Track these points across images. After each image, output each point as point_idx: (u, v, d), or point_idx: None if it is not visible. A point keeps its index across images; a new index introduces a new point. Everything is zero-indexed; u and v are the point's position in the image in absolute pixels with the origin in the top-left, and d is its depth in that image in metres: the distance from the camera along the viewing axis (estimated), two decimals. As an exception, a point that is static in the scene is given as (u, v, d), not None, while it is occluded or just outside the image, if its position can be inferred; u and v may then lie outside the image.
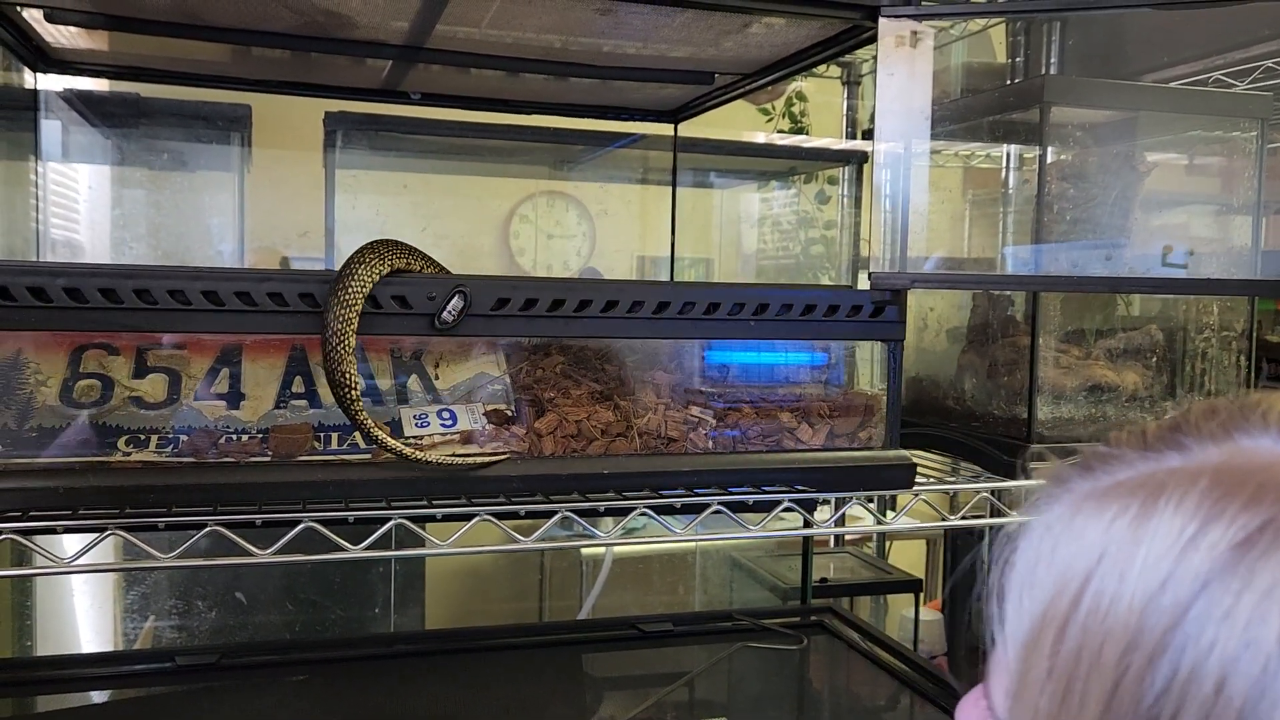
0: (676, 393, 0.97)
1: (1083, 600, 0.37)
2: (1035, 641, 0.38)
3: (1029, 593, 0.40)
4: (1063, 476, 0.42)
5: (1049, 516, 0.41)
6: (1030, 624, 0.39)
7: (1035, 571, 0.40)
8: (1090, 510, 0.39)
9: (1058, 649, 0.37)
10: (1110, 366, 1.16)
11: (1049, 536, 0.40)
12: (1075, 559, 0.38)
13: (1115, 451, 0.41)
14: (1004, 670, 0.41)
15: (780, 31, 1.06)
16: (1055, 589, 0.38)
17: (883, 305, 0.96)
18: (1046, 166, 1.07)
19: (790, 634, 1.50)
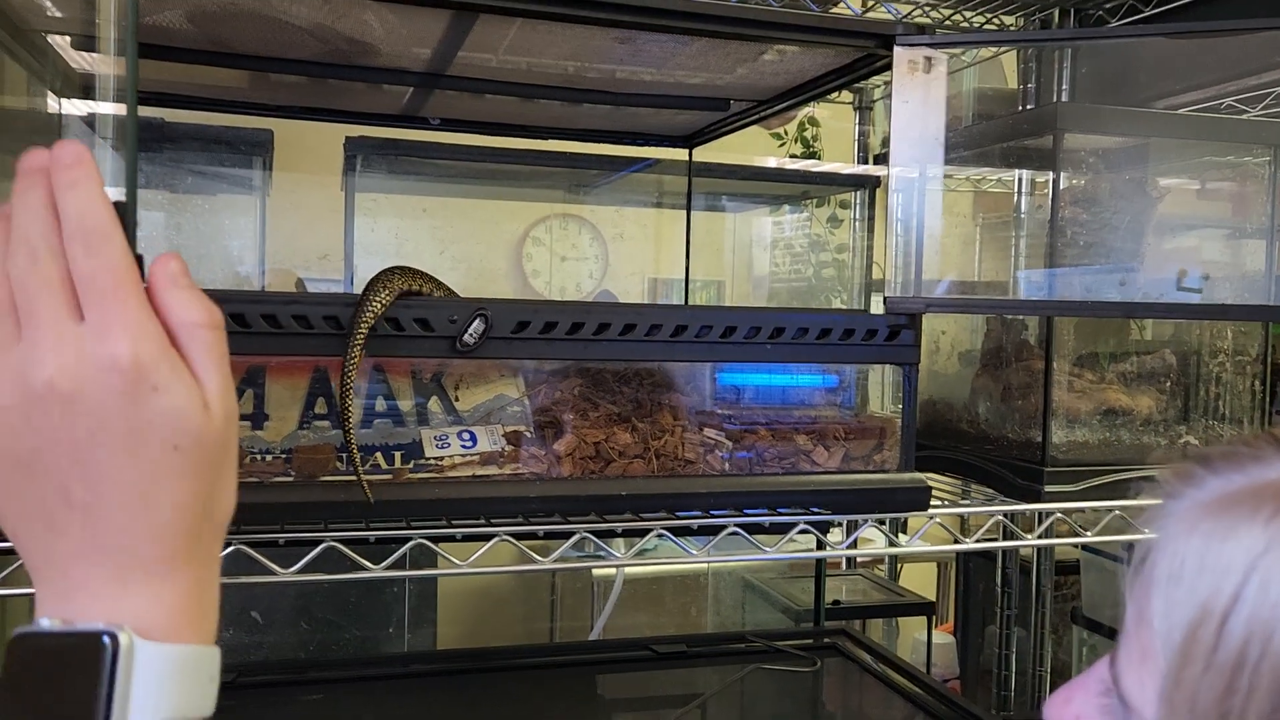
0: (693, 415, 0.98)
1: (1244, 595, 0.37)
2: (1192, 638, 0.38)
3: (1180, 590, 0.40)
4: (1195, 476, 0.42)
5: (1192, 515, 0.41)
6: (1186, 621, 0.39)
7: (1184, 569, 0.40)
8: (1245, 509, 0.39)
9: (1218, 645, 0.37)
10: (1124, 391, 1.16)
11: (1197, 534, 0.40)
12: (1234, 556, 0.38)
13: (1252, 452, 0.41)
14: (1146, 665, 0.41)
15: (795, 59, 1.08)
16: (1212, 586, 0.38)
17: (898, 329, 0.97)
18: (1059, 192, 1.08)
19: (804, 656, 1.50)
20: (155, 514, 0.42)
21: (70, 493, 0.41)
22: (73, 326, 0.41)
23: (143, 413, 0.42)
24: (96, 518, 0.42)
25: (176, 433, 0.42)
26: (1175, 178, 1.27)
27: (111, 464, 0.41)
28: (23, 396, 0.41)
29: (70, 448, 0.41)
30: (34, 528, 0.42)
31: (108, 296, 0.42)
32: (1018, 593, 1.71)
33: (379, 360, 0.91)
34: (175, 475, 0.43)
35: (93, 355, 0.41)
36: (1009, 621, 1.73)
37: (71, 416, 0.41)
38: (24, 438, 0.41)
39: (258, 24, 0.99)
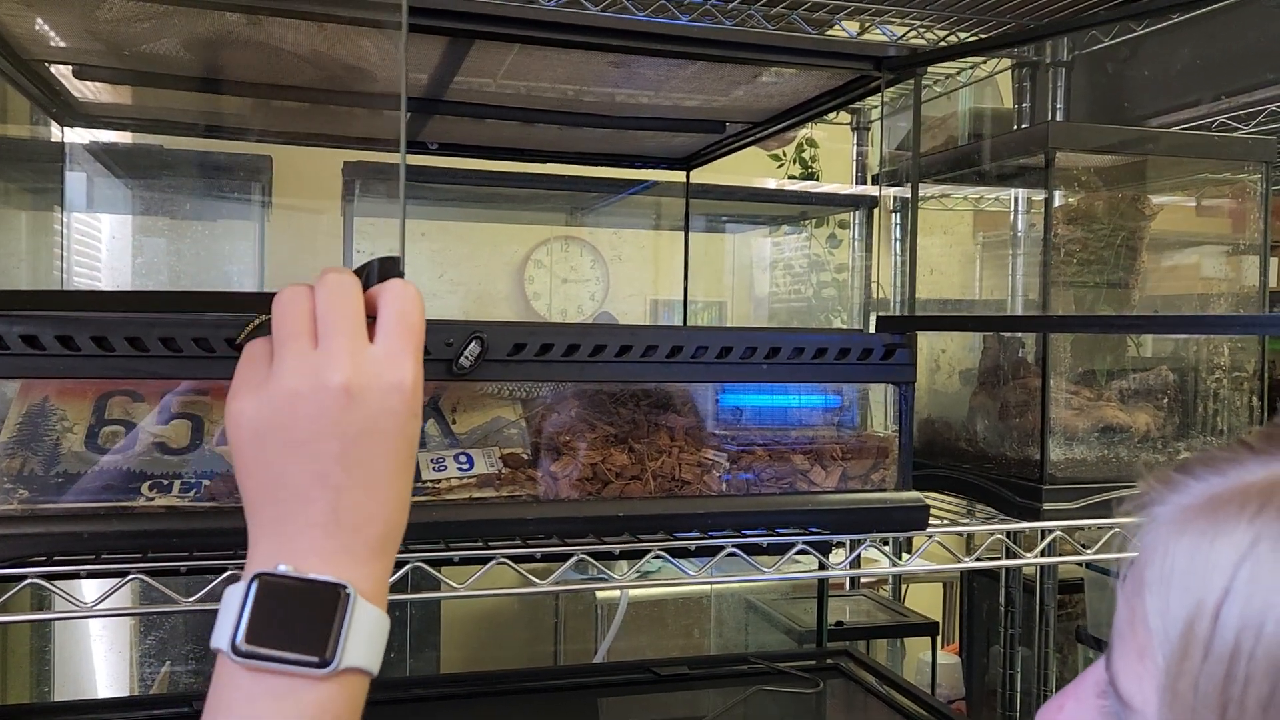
0: (690, 436, 0.98)
1: (1235, 587, 0.39)
2: (1189, 632, 0.40)
3: (1174, 589, 0.42)
4: (1178, 483, 0.45)
5: (1180, 518, 0.43)
6: (1182, 617, 0.41)
7: (1176, 568, 0.42)
8: (1231, 509, 0.41)
9: (1213, 636, 0.40)
10: (1122, 408, 1.16)
11: (1187, 535, 0.42)
12: (1223, 552, 0.40)
13: (1230, 457, 0.44)
14: (1144, 664, 0.43)
15: (790, 81, 1.09)
16: (1205, 582, 0.40)
17: (893, 348, 0.97)
18: (1053, 210, 1.08)
19: (807, 678, 1.49)
20: (385, 504, 0.53)
21: (328, 475, 0.52)
22: (366, 347, 0.54)
23: (404, 428, 0.54)
24: (344, 498, 0.52)
25: (413, 451, 0.55)
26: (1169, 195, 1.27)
27: (370, 459, 0.52)
28: (315, 389, 0.52)
29: (340, 440, 0.52)
30: (281, 496, 0.52)
31: (399, 338, 0.55)
32: (1021, 612, 1.71)
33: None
34: (402, 478, 0.55)
35: (382, 374, 0.53)
36: (1013, 641, 1.72)
37: (352, 415, 0.52)
38: (304, 423, 0.52)
39: (255, 51, 1.01)
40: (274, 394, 0.53)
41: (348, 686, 0.51)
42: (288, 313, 0.55)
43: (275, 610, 0.50)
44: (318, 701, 0.50)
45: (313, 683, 0.50)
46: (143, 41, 0.98)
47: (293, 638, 0.49)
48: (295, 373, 0.53)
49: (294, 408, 0.52)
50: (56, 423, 0.85)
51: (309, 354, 0.53)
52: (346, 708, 0.51)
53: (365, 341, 0.54)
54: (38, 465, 0.82)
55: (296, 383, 0.52)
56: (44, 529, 0.78)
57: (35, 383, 0.84)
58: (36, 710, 1.35)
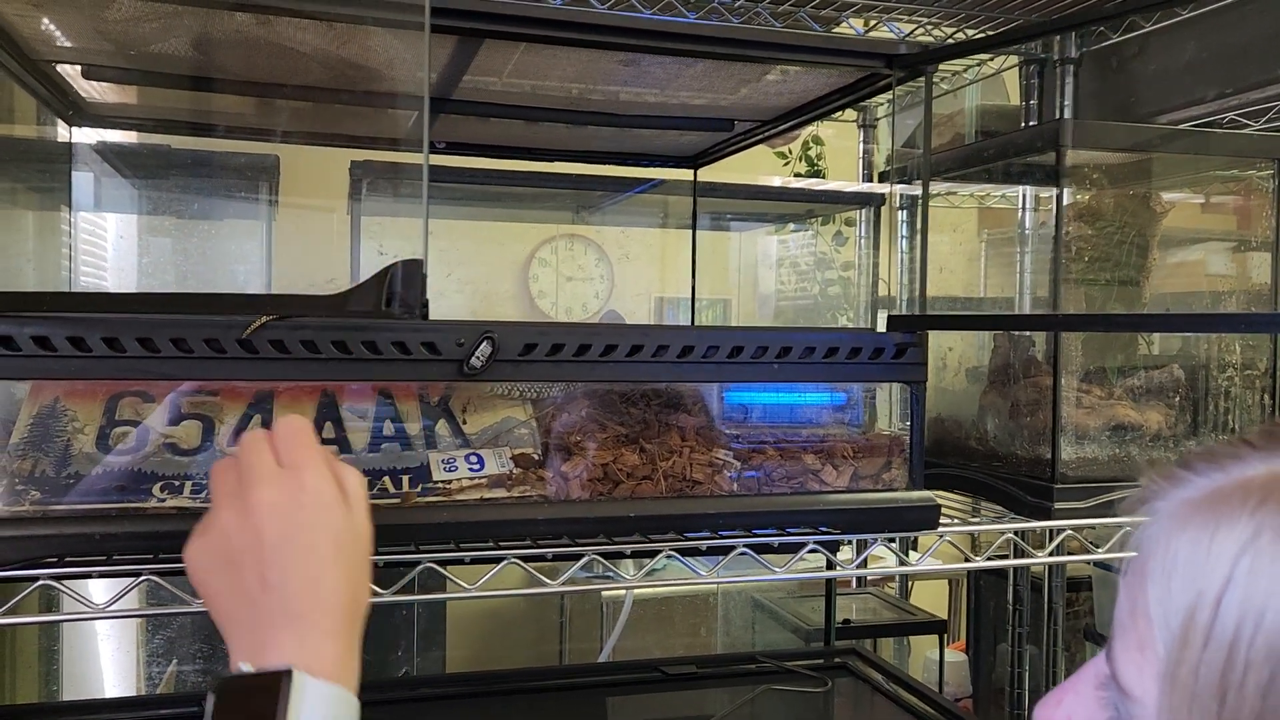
0: (701, 435, 0.98)
1: (1236, 578, 0.41)
2: (1189, 622, 0.42)
3: (1176, 580, 0.43)
4: (1180, 478, 0.46)
5: (1182, 512, 0.44)
6: (1183, 607, 0.42)
7: (1178, 560, 0.43)
8: (1232, 503, 0.42)
9: (1213, 625, 0.41)
10: (1133, 406, 1.16)
11: (1189, 528, 0.43)
12: (1224, 544, 0.41)
13: (1231, 452, 0.45)
14: (1144, 654, 0.44)
15: (798, 80, 1.09)
16: (1206, 573, 0.42)
17: (904, 347, 0.97)
18: (1063, 207, 1.08)
19: (815, 676, 1.49)
20: (324, 593, 0.59)
21: (267, 577, 0.58)
22: (276, 468, 0.61)
23: (319, 521, 0.60)
24: (284, 596, 0.58)
25: (339, 536, 0.61)
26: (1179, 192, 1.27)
27: (298, 555, 0.59)
28: (240, 513, 0.60)
29: (270, 545, 0.59)
30: (236, 603, 0.59)
31: (299, 451, 0.62)
32: (1029, 610, 1.70)
33: (386, 384, 0.91)
34: (338, 564, 0.60)
35: (289, 483, 0.60)
36: (1021, 639, 1.72)
37: (272, 522, 0.59)
38: (238, 539, 0.59)
39: (264, 51, 1.00)
40: (212, 529, 0.61)
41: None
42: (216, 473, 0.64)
43: (235, 709, 0.55)
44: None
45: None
46: (151, 41, 0.98)
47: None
48: (217, 510, 0.61)
49: (221, 535, 0.60)
50: (67, 424, 0.85)
51: (234, 491, 0.61)
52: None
53: (272, 464, 0.62)
54: (49, 466, 0.82)
55: (220, 516, 0.61)
56: (55, 530, 0.78)
57: (46, 384, 0.84)
58: (45, 710, 1.35)
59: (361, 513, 0.64)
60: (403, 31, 0.93)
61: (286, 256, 1.59)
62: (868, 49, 0.99)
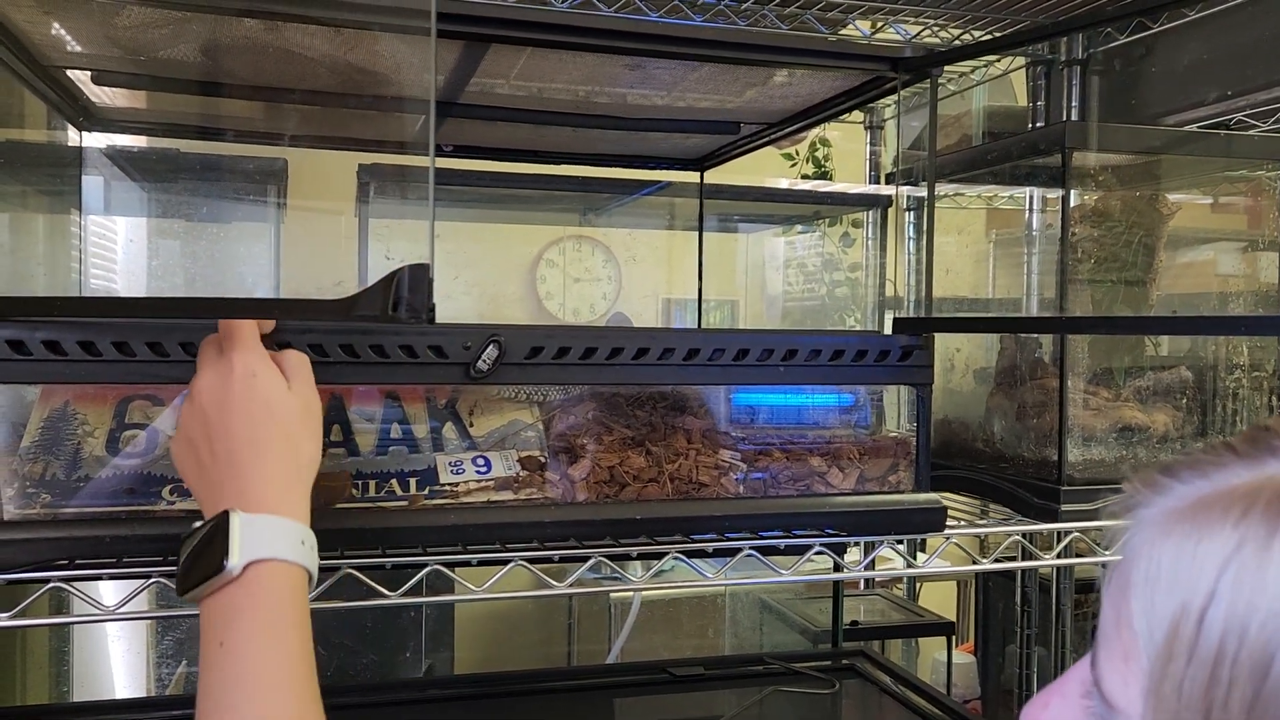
0: (707, 438, 0.98)
1: (1220, 591, 0.40)
2: (1173, 635, 0.41)
3: (1159, 591, 0.42)
4: (1163, 485, 0.45)
5: (1165, 521, 0.44)
6: (1167, 619, 0.42)
7: (1161, 571, 0.42)
8: (1215, 512, 0.42)
9: (1198, 640, 0.40)
10: (1140, 408, 1.16)
11: (1172, 538, 0.43)
12: (1208, 555, 0.41)
13: (1214, 460, 0.44)
14: (1129, 665, 0.43)
15: (804, 82, 1.09)
16: (1189, 585, 0.41)
17: (910, 350, 0.97)
18: (1070, 209, 1.08)
19: (822, 678, 1.49)
20: (262, 449, 0.68)
21: (214, 450, 0.68)
22: (214, 357, 0.71)
23: (246, 391, 0.69)
24: (229, 460, 0.67)
25: (268, 400, 0.69)
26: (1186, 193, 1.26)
27: (235, 424, 0.68)
28: (189, 402, 0.70)
29: (211, 421, 0.69)
30: (199, 480, 0.69)
31: (229, 339, 0.71)
32: (1038, 612, 1.70)
33: (393, 387, 0.91)
34: (271, 424, 0.69)
35: (223, 367, 0.70)
36: (1029, 641, 1.71)
37: (210, 402, 0.69)
38: (193, 428, 0.70)
39: (272, 56, 1.01)
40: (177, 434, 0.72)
41: (263, 578, 0.64)
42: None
43: (190, 555, 0.66)
44: (240, 598, 0.63)
45: (232, 586, 0.63)
46: (160, 47, 0.98)
47: (203, 565, 0.64)
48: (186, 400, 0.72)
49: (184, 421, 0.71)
50: (78, 427, 0.85)
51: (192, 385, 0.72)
52: (270, 596, 0.64)
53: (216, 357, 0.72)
54: (59, 470, 0.83)
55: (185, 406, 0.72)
56: (66, 533, 0.79)
57: (56, 388, 0.85)
58: (56, 711, 1.36)
59: (302, 383, 0.72)
60: (409, 36, 0.93)
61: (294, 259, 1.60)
62: (873, 52, 0.99)
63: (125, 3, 0.87)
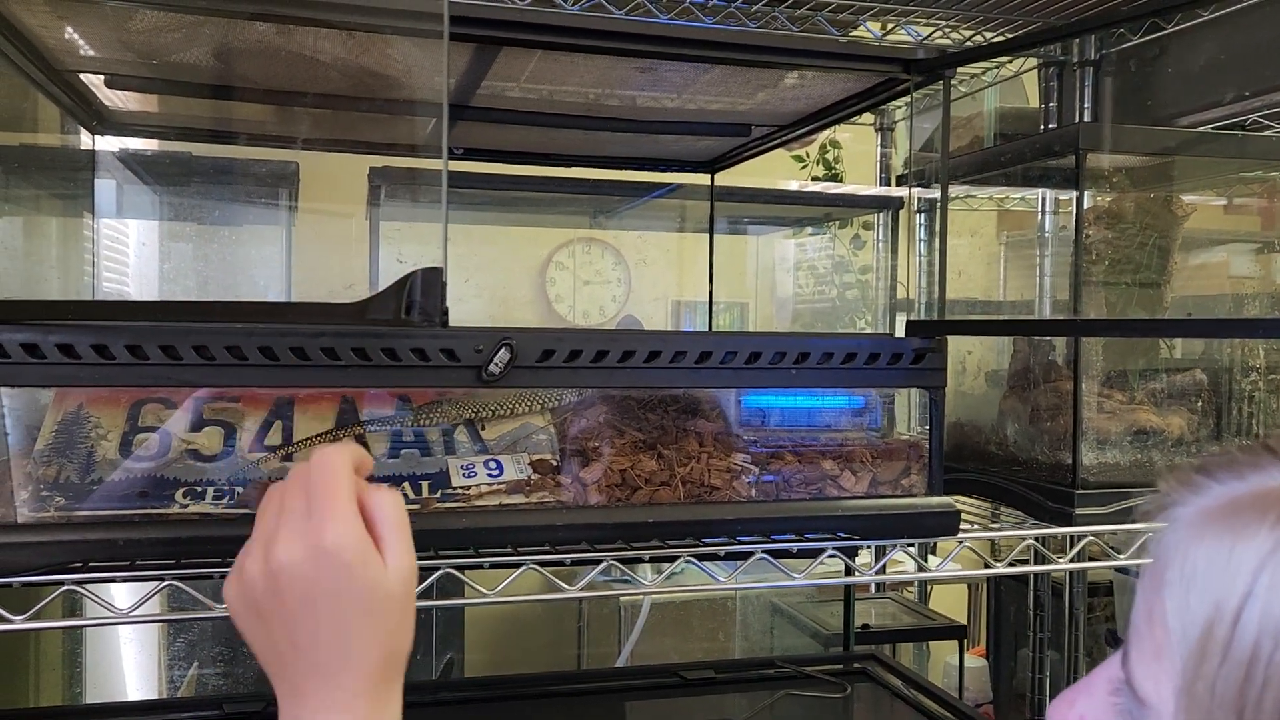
0: (719, 441, 0.98)
1: (1255, 592, 0.40)
2: (1208, 635, 0.41)
3: (1194, 591, 0.42)
4: (1199, 485, 0.45)
5: (1200, 520, 0.44)
6: (1201, 620, 0.42)
7: (1196, 571, 0.42)
8: (1251, 514, 0.42)
9: (1232, 641, 0.40)
10: (1155, 411, 1.15)
11: (1207, 538, 0.43)
12: (1243, 557, 0.41)
13: (1251, 460, 0.44)
14: (1160, 664, 0.43)
15: (815, 84, 1.08)
16: (1224, 586, 0.41)
17: (923, 353, 0.97)
18: (1084, 211, 1.07)
19: (834, 682, 1.49)
20: (351, 657, 0.58)
21: (295, 639, 0.58)
22: (303, 520, 0.59)
23: (343, 585, 0.58)
24: (312, 658, 0.58)
25: (366, 598, 0.58)
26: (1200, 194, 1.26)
27: (323, 621, 0.58)
28: (264, 567, 0.58)
29: (294, 608, 0.58)
30: (272, 660, 0.60)
31: (323, 499, 0.59)
32: (1050, 615, 1.69)
33: (406, 390, 0.91)
34: (367, 628, 0.59)
35: (310, 541, 0.58)
36: (1042, 645, 1.71)
37: (294, 585, 0.58)
38: (265, 597, 0.59)
39: (283, 59, 1.01)
40: (238, 572, 0.61)
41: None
42: (262, 503, 0.63)
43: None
44: None
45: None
46: (174, 51, 0.99)
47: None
48: (249, 554, 0.60)
49: (250, 586, 0.59)
50: (91, 430, 0.86)
51: (261, 536, 0.60)
52: None
53: (302, 517, 0.59)
54: (73, 472, 0.83)
55: (249, 563, 0.60)
56: (80, 536, 0.79)
57: (70, 390, 0.85)
58: (69, 713, 1.36)
59: (399, 552, 0.61)
60: (421, 40, 0.94)
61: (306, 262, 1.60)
62: (885, 54, 0.98)
63: (138, 7, 0.87)
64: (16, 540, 0.77)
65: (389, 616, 0.59)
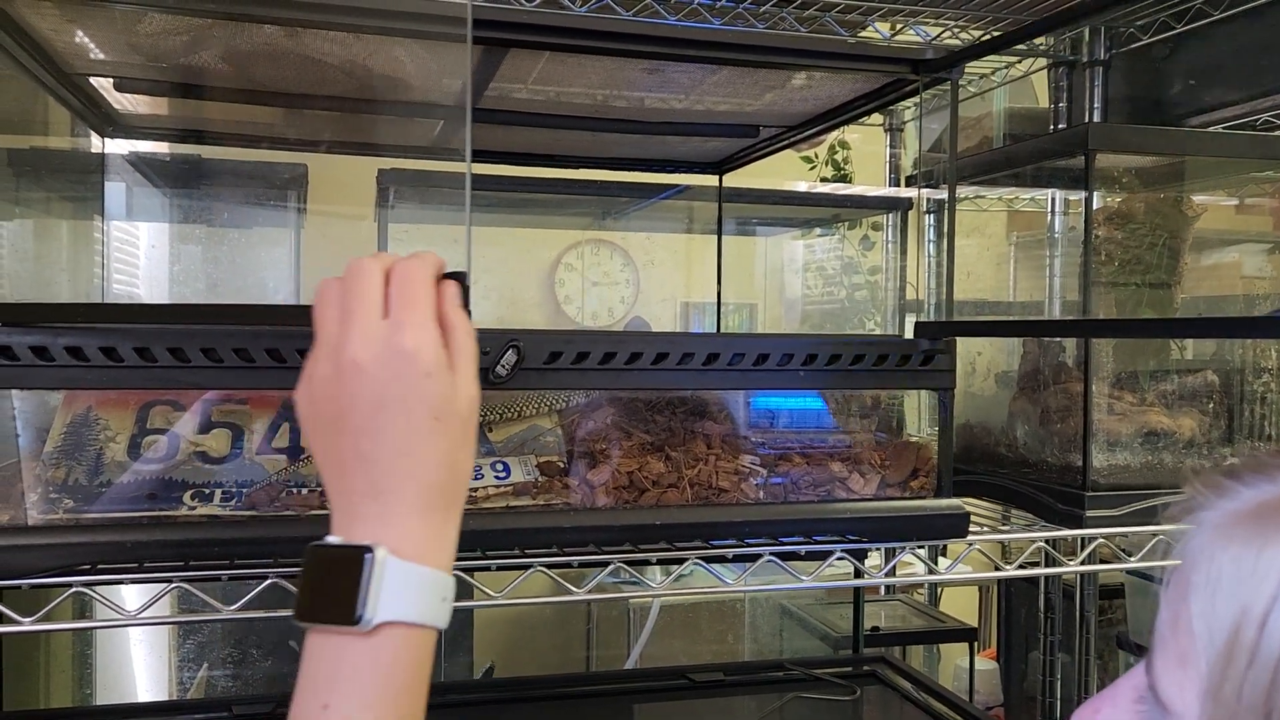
0: (727, 443, 0.98)
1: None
2: (1234, 639, 0.41)
3: (1220, 596, 0.42)
4: (1225, 488, 0.45)
5: (1226, 524, 0.44)
6: (1228, 624, 0.41)
7: (1223, 575, 0.42)
8: (1279, 518, 0.42)
9: (1259, 644, 0.40)
10: (1165, 412, 1.14)
11: (1234, 542, 0.43)
12: (1271, 561, 0.41)
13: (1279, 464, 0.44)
14: (1185, 670, 0.43)
15: (824, 85, 1.08)
16: (1251, 590, 0.41)
17: (932, 354, 0.96)
18: (1093, 211, 1.07)
19: (843, 684, 1.48)
20: (417, 466, 0.56)
21: (360, 446, 0.56)
22: (377, 322, 0.56)
23: (416, 390, 0.56)
24: (376, 466, 0.55)
25: (437, 407, 0.56)
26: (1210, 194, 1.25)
27: (391, 426, 0.55)
28: (335, 369, 0.56)
29: (363, 412, 0.55)
30: (333, 471, 0.57)
31: (403, 309, 0.57)
32: (1061, 618, 1.68)
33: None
34: (433, 438, 0.56)
35: (387, 343, 0.56)
36: (1053, 647, 1.70)
37: (363, 386, 0.55)
38: (334, 401, 0.56)
39: (292, 62, 1.01)
40: (314, 379, 0.58)
41: (393, 642, 0.54)
42: (320, 302, 0.59)
43: (321, 578, 0.55)
44: (360, 657, 0.54)
45: (355, 639, 0.54)
46: (183, 54, 0.99)
47: (332, 602, 0.54)
48: (324, 357, 0.57)
49: (327, 390, 0.57)
50: (100, 432, 0.86)
51: (332, 337, 0.57)
52: (394, 663, 0.54)
53: (375, 316, 0.57)
54: (82, 475, 0.83)
55: (325, 367, 0.57)
56: (89, 538, 0.79)
57: (79, 393, 0.85)
58: (79, 714, 1.37)
59: (467, 377, 0.59)
60: (431, 42, 0.93)
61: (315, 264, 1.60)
62: (894, 54, 0.98)
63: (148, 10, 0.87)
64: (25, 542, 0.77)
65: (452, 435, 0.57)
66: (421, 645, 0.56)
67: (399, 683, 0.54)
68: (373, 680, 0.54)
